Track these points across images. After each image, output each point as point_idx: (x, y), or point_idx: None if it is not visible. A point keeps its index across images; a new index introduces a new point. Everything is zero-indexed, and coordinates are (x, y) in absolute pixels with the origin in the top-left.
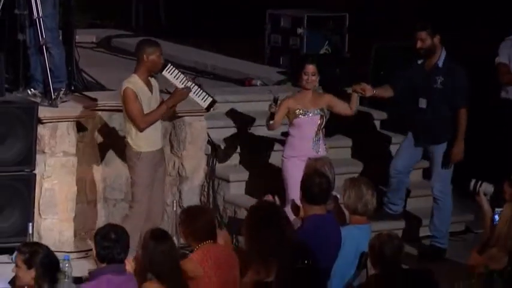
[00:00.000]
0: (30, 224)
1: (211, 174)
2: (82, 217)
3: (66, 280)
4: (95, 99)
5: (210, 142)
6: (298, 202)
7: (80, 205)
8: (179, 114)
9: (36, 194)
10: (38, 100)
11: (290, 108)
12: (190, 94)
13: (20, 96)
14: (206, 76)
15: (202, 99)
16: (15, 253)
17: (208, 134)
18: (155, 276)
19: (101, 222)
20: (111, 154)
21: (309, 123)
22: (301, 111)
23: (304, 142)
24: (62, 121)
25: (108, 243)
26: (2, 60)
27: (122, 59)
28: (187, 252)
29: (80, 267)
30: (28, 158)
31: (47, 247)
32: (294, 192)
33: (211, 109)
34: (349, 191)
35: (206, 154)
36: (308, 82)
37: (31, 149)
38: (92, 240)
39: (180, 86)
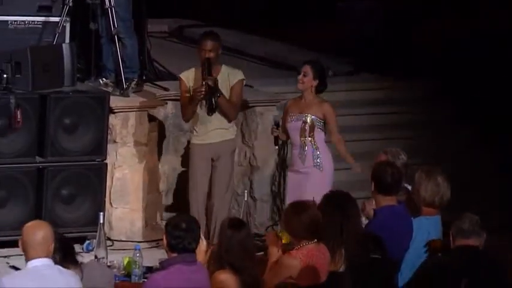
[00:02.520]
0: (101, 213)
1: (282, 164)
2: (153, 207)
3: (136, 269)
4: (167, 89)
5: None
6: None
7: (151, 195)
8: (250, 105)
9: (107, 184)
10: (110, 90)
11: (288, 111)
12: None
13: (92, 85)
14: (275, 66)
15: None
16: (87, 242)
17: (279, 124)
18: (229, 266)
19: (172, 211)
20: (181, 144)
21: (294, 129)
22: (292, 116)
23: (294, 150)
24: (133, 111)
25: (179, 233)
26: (73, 50)
27: (194, 49)
28: (260, 243)
29: (151, 256)
30: (99, 147)
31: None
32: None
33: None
34: (425, 183)
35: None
36: (299, 82)
37: (102, 138)
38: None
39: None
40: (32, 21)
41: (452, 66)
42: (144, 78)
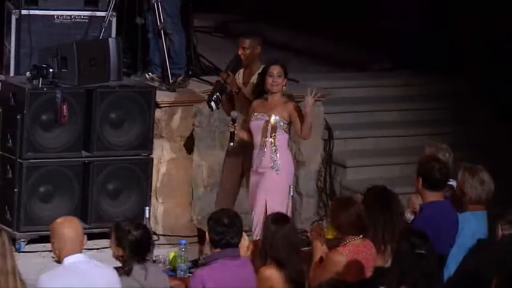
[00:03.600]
0: (147, 208)
1: (328, 160)
2: (198, 202)
3: (182, 264)
4: (212, 83)
5: (327, 127)
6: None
7: (196, 190)
8: (296, 100)
9: (153, 178)
10: (156, 84)
11: (253, 111)
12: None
13: (138, 80)
14: (321, 60)
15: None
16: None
17: (325, 119)
18: (274, 261)
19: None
20: (227, 139)
21: (256, 128)
22: (256, 115)
23: (254, 150)
24: (179, 105)
25: (221, 228)
26: (120, 44)
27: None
28: (304, 237)
29: (196, 251)
30: (145, 142)
31: (143, 229)
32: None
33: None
34: (469, 182)
35: (323, 139)
36: (273, 85)
37: (148, 133)
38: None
39: None
40: (78, 16)
41: (492, 62)
42: (190, 73)
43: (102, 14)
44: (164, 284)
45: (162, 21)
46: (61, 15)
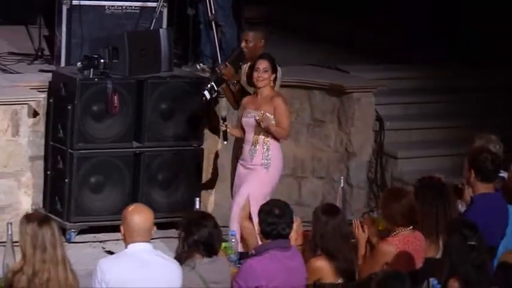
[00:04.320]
0: (197, 199)
1: (379, 151)
2: None
3: (232, 255)
4: None
5: (378, 118)
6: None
7: None
8: (347, 91)
9: (204, 169)
10: (207, 75)
11: (245, 107)
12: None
13: (189, 70)
14: (371, 52)
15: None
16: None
17: (376, 110)
18: (324, 252)
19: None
20: None
21: (247, 125)
22: (248, 112)
23: (246, 145)
24: None
25: (272, 219)
26: (170, 35)
27: (289, 36)
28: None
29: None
30: (196, 132)
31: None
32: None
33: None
34: None
35: (374, 130)
36: (259, 80)
37: (199, 123)
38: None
39: None
40: (130, 6)
41: None
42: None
43: (153, 4)
44: (226, 278)
45: (213, 12)
46: (112, 6)
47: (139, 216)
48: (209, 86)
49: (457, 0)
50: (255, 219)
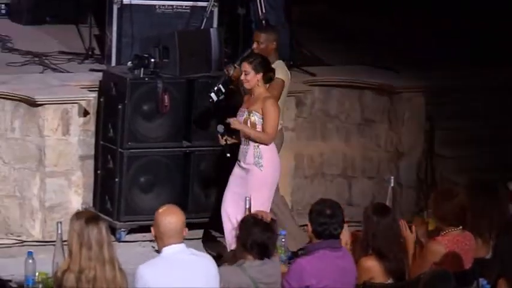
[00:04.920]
0: (247, 198)
1: (429, 151)
2: (299, 192)
3: (282, 255)
4: (314, 74)
5: (429, 118)
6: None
7: (298, 180)
8: (397, 90)
9: None
10: None
11: (240, 106)
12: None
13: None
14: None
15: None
16: None
17: (426, 109)
18: (375, 252)
19: (318, 197)
20: (328, 129)
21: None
22: (241, 111)
23: (241, 144)
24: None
25: (324, 219)
26: (221, 35)
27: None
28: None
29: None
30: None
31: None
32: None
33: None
34: None
35: (424, 130)
36: (244, 82)
37: None
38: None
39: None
40: (180, 6)
41: None
42: (291, 63)
43: (204, 4)
44: (277, 280)
45: (264, 12)
46: (163, 5)
47: (171, 218)
48: (216, 88)
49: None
50: None
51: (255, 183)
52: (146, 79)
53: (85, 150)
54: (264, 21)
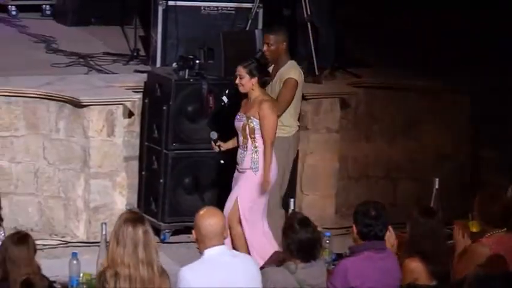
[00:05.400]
0: (292, 200)
1: (473, 152)
2: (344, 193)
3: (327, 257)
4: (359, 76)
5: (474, 119)
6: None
7: (342, 181)
8: (442, 92)
9: (298, 170)
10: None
11: (239, 110)
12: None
13: None
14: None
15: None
16: None
17: (471, 110)
18: (420, 254)
19: (362, 199)
20: (373, 131)
21: (237, 128)
22: (239, 115)
23: (239, 148)
24: (325, 97)
25: (369, 221)
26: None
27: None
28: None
29: (341, 243)
30: None
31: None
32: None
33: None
34: None
35: (469, 132)
36: (239, 86)
37: None
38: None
39: None
40: (225, 7)
41: None
42: (336, 65)
43: (249, 5)
44: (322, 282)
45: (309, 13)
46: (208, 7)
47: (211, 220)
48: (227, 91)
49: None
50: (245, 223)
51: (247, 184)
52: (191, 80)
53: (129, 152)
54: (309, 23)
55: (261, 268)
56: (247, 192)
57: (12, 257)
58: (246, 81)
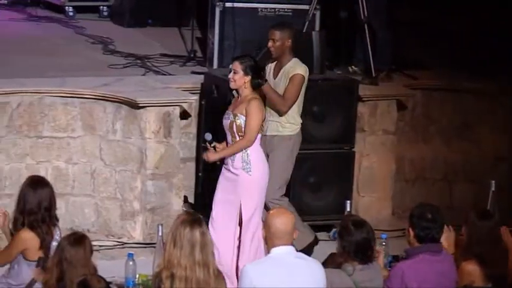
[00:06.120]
0: (348, 202)
1: None
2: (400, 195)
3: (384, 259)
4: (416, 78)
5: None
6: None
7: (398, 183)
8: (497, 94)
9: (354, 172)
10: (359, 78)
11: (228, 109)
12: None
13: (340, 73)
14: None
15: None
16: (333, 230)
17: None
18: (477, 256)
19: (418, 201)
20: (430, 133)
21: (225, 127)
22: (227, 113)
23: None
24: (382, 99)
25: (426, 224)
26: (323, 38)
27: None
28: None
29: (397, 246)
30: (347, 135)
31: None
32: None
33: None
34: None
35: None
36: (231, 81)
37: (350, 126)
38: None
39: None
40: (282, 9)
41: None
42: (393, 67)
43: (306, 7)
44: (378, 283)
45: (366, 15)
46: (265, 8)
47: (281, 219)
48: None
49: None
50: (247, 228)
51: (245, 189)
52: None
53: (186, 153)
54: (366, 24)
55: None
56: (249, 198)
57: (68, 257)
58: (239, 78)
